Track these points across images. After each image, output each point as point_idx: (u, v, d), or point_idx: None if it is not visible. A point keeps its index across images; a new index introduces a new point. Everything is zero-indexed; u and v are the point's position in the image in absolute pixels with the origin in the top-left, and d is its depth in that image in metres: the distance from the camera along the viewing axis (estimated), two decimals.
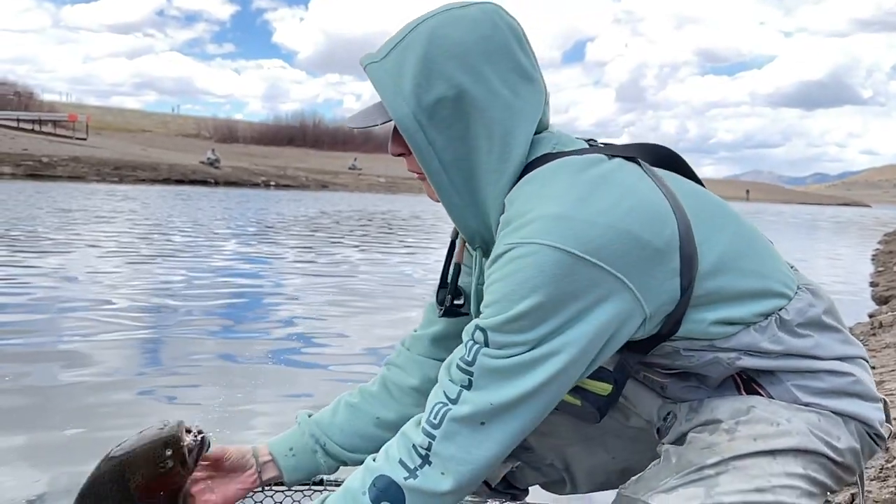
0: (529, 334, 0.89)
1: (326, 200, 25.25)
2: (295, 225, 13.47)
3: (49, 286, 5.23)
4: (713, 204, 1.05)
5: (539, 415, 0.93)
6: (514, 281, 0.89)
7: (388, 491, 0.94)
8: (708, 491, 0.95)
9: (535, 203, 0.92)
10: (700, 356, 1.01)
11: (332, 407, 1.29)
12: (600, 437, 1.24)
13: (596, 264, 0.88)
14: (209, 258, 7.63)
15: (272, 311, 4.83)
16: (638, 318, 0.93)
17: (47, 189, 20.53)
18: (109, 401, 2.56)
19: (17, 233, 8.99)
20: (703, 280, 0.96)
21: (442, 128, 0.97)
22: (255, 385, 2.94)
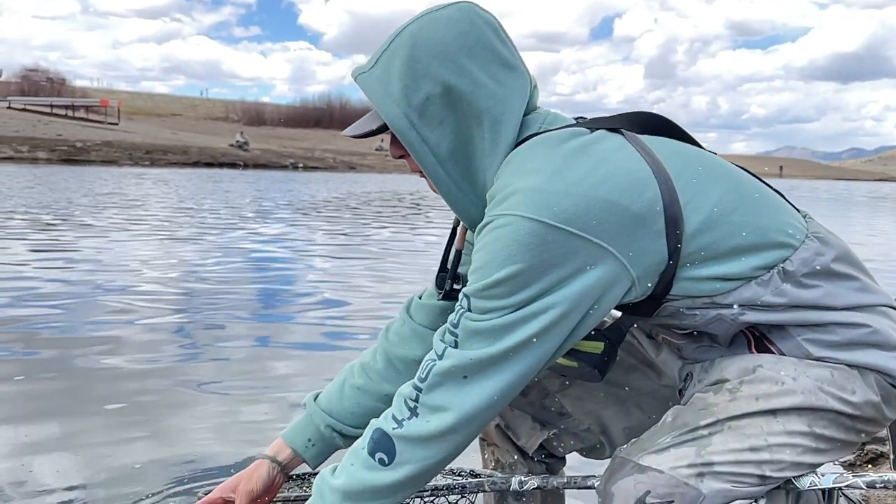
0: (508, 300, 0.92)
1: (354, 182, 25.37)
2: (325, 206, 13.58)
3: (85, 269, 5.35)
4: (702, 163, 1.05)
5: (523, 373, 0.96)
6: (493, 250, 0.93)
7: (381, 441, 0.99)
8: (699, 451, 0.97)
9: (514, 178, 0.96)
10: (703, 314, 1.01)
11: (338, 388, 1.31)
12: (635, 398, 1.25)
13: (572, 233, 0.90)
14: (241, 240, 7.75)
15: (304, 291, 4.90)
16: (624, 283, 0.95)
17: (82, 173, 20.93)
18: (144, 387, 2.60)
19: (54, 216, 9.21)
20: (692, 239, 0.96)
21: (433, 124, 1.01)
22: (287, 366, 2.98)
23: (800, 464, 0.99)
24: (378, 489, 0.99)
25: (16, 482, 1.79)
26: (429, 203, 15.70)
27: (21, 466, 1.88)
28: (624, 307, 1.02)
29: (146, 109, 69.94)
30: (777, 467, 0.97)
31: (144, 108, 71.30)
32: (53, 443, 2.01)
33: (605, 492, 1.01)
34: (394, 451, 0.98)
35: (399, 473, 0.98)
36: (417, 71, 1.00)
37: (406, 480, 0.98)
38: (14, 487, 1.75)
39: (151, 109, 71.56)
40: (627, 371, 1.26)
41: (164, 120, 61.08)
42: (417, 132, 1.01)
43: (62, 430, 2.11)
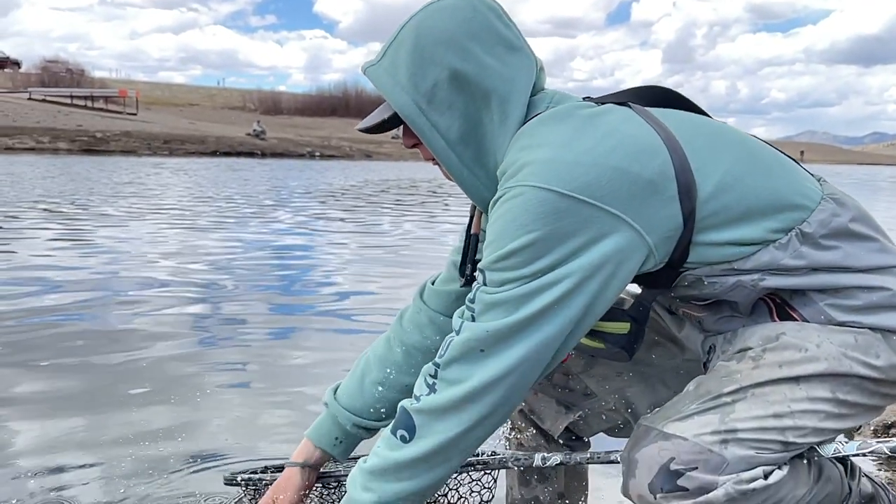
0: (523, 270, 0.93)
1: (371, 170, 25.34)
2: (343, 195, 13.59)
3: (105, 259, 5.41)
4: (712, 130, 1.06)
5: (541, 344, 0.95)
6: (505, 221, 0.95)
7: (402, 419, 1.01)
8: (722, 418, 0.98)
9: (524, 153, 0.98)
10: (723, 281, 1.02)
11: (358, 384, 1.32)
12: (659, 375, 1.26)
13: (585, 201, 0.91)
14: (260, 229, 7.80)
15: (322, 281, 4.93)
16: (642, 251, 0.95)
17: (102, 163, 21.11)
18: (164, 377, 2.63)
19: (75, 206, 9.31)
20: (706, 203, 0.97)
21: (442, 109, 1.03)
22: (305, 357, 3.01)
23: (823, 429, 1.00)
24: (400, 465, 1.00)
25: (41, 471, 1.82)
26: (445, 191, 15.66)
27: (46, 458, 1.92)
28: (643, 280, 1.03)
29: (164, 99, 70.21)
30: (800, 433, 0.98)
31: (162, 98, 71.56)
32: (75, 436, 2.04)
33: (629, 459, 1.02)
34: (413, 426, 0.99)
35: (419, 448, 0.99)
36: (424, 58, 1.03)
37: (426, 455, 0.98)
38: (39, 478, 1.78)
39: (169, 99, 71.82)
40: (650, 347, 1.27)
41: (182, 110, 61.30)
42: (427, 118, 1.03)
43: (83, 423, 2.13)
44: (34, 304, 3.79)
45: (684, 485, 0.95)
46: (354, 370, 1.35)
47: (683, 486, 0.95)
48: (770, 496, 0.98)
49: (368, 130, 1.13)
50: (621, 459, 1.06)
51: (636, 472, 1.00)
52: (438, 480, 1.02)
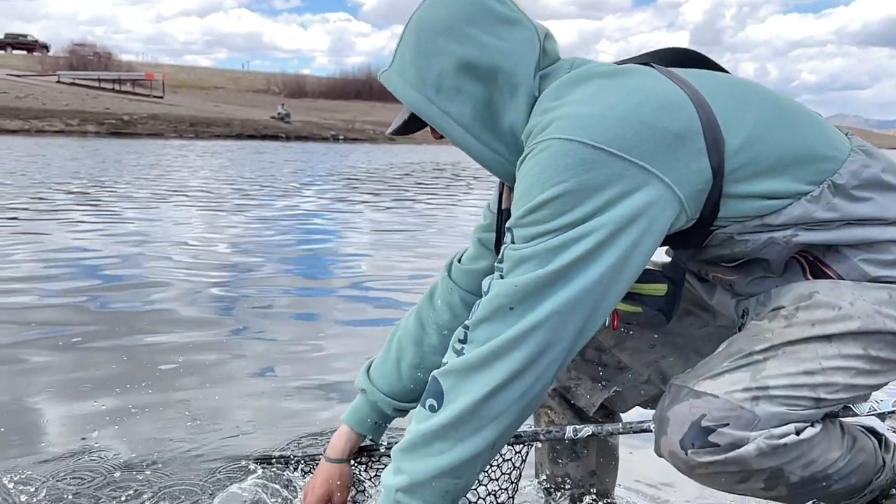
0: (551, 223, 0.91)
1: (395, 153, 25.34)
2: (368, 178, 13.63)
3: (132, 241, 5.48)
4: (737, 85, 1.05)
5: (572, 300, 0.90)
6: (532, 175, 0.93)
7: (430, 388, 0.98)
8: (754, 375, 0.97)
9: (548, 113, 0.97)
10: (755, 239, 1.01)
11: (394, 367, 1.31)
12: (692, 344, 1.25)
13: (613, 153, 0.90)
14: (285, 212, 7.85)
15: (346, 265, 4.94)
16: (674, 206, 0.93)
17: (130, 145, 21.36)
18: (189, 362, 2.63)
19: (100, 188, 9.45)
20: (735, 155, 0.96)
21: (451, 96, 1.04)
22: (329, 342, 3.00)
23: (855, 385, 0.99)
24: (429, 436, 0.96)
25: (69, 451, 1.85)
26: (469, 173, 15.63)
27: (73, 437, 1.95)
28: (674, 241, 1.01)
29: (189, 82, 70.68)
30: (831, 389, 0.97)
31: (188, 81, 72.04)
32: (102, 420, 2.05)
33: (661, 418, 1.02)
34: (441, 391, 0.96)
35: (447, 413, 0.94)
36: (427, 52, 1.04)
37: (456, 419, 0.94)
38: (66, 459, 1.81)
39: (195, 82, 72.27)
40: (681, 317, 1.26)
41: (207, 93, 61.69)
42: (438, 108, 1.04)
43: (109, 407, 2.14)
44: (63, 285, 3.84)
45: (715, 441, 0.95)
46: (388, 352, 1.34)
47: (714, 441, 0.95)
48: (803, 454, 0.97)
49: (397, 133, 1.16)
50: (654, 419, 1.06)
51: (667, 430, 1.00)
52: (473, 455, 0.95)
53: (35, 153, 16.03)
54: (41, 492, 1.62)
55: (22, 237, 5.44)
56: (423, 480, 0.96)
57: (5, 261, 4.42)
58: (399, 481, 0.97)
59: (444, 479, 0.96)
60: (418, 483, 0.96)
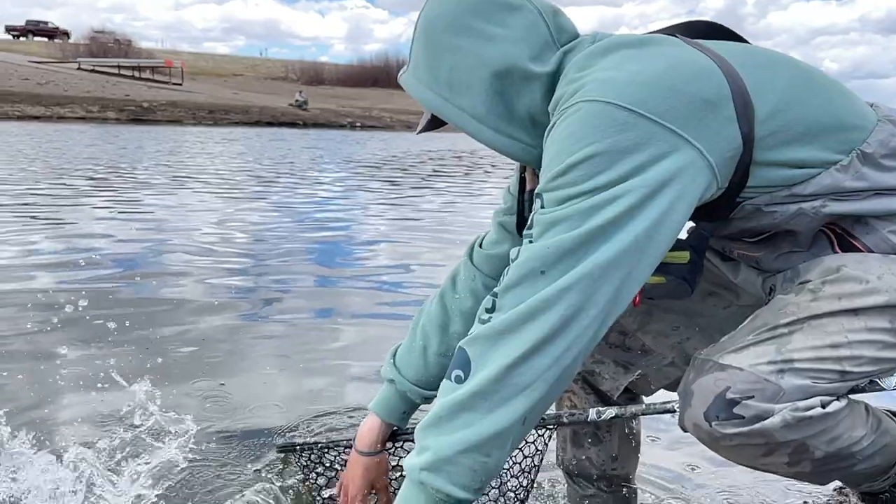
0: (583, 185, 0.88)
1: (412, 141, 25.33)
2: (385, 165, 13.64)
3: (152, 227, 5.55)
4: (764, 54, 1.04)
5: (605, 263, 0.87)
6: (562, 138, 0.91)
7: (456, 358, 0.94)
8: (779, 348, 0.96)
9: (575, 82, 0.96)
10: (783, 210, 0.99)
11: (421, 356, 1.30)
12: (716, 324, 1.24)
13: (644, 116, 0.88)
14: (302, 199, 7.88)
15: (364, 249, 4.97)
16: (705, 173, 0.91)
17: (149, 132, 21.52)
18: (209, 349, 2.65)
19: (118, 174, 9.53)
20: (765, 122, 0.95)
21: (463, 90, 1.04)
22: (346, 332, 2.99)
23: (881, 359, 0.98)
24: (455, 406, 0.91)
25: (89, 439, 1.86)
26: (487, 161, 15.59)
27: (94, 425, 1.97)
28: (700, 212, 0.98)
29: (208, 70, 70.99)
30: (857, 363, 0.96)
31: (206, 68, 72.35)
32: (119, 408, 2.05)
33: (685, 391, 1.01)
34: (468, 361, 0.92)
35: (474, 382, 0.90)
36: (435, 50, 1.05)
37: (483, 388, 0.89)
38: (88, 447, 1.83)
39: (213, 70, 72.57)
40: (705, 298, 1.25)
41: (226, 80, 61.93)
42: (452, 104, 1.04)
43: (126, 395, 2.15)
44: (82, 272, 3.87)
45: (740, 413, 0.94)
46: (413, 340, 1.32)
47: (739, 413, 0.94)
48: (828, 428, 0.96)
49: (424, 130, 1.16)
50: (678, 393, 1.05)
51: (692, 402, 0.99)
52: (503, 429, 0.89)
53: (56, 139, 16.20)
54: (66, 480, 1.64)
55: (42, 223, 5.50)
56: (449, 456, 0.90)
57: (26, 247, 4.47)
58: (423, 459, 0.92)
59: (472, 455, 0.89)
60: (444, 459, 0.90)
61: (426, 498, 0.92)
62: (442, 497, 0.91)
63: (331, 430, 2.02)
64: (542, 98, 1.03)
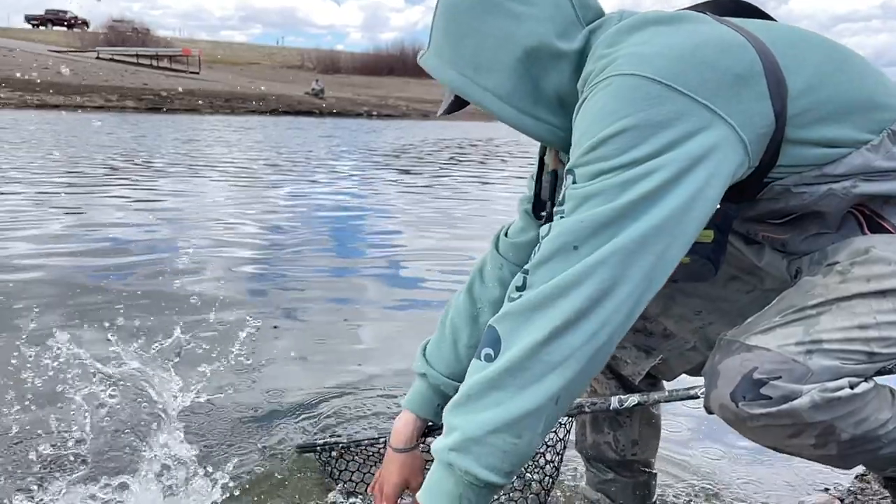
0: (616, 160, 0.87)
1: (428, 129, 25.28)
2: (403, 153, 13.63)
3: (170, 216, 5.59)
4: (793, 32, 1.02)
5: (639, 238, 0.86)
6: (594, 112, 0.90)
7: (486, 337, 0.93)
8: (807, 329, 0.95)
9: (605, 58, 0.95)
10: (813, 191, 0.98)
11: (452, 350, 1.29)
12: (738, 309, 1.23)
13: (677, 90, 0.87)
14: (320, 188, 7.92)
15: (380, 239, 4.98)
16: (739, 150, 0.90)
17: (167, 121, 21.63)
18: (229, 341, 2.58)
19: (133, 163, 9.60)
20: (797, 99, 0.93)
21: (488, 69, 1.02)
22: (362, 327, 2.97)
23: None
24: (485, 385, 0.89)
25: (106, 431, 1.90)
26: (504, 150, 15.54)
27: (112, 417, 1.97)
28: (728, 192, 0.98)
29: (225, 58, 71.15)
30: (885, 344, 0.95)
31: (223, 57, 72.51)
32: (141, 400, 2.06)
33: (711, 372, 1.00)
34: (498, 338, 0.90)
35: (504, 359, 0.88)
36: (459, 30, 1.03)
37: (513, 365, 0.87)
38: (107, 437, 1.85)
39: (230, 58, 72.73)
40: (727, 282, 1.24)
41: (242, 69, 62.05)
42: (476, 84, 1.03)
43: (141, 390, 2.15)
44: (100, 262, 3.89)
45: (767, 393, 0.93)
46: (442, 334, 1.31)
47: (766, 394, 0.93)
48: (856, 409, 0.95)
49: (448, 111, 1.14)
50: (703, 375, 1.04)
51: (718, 383, 0.98)
52: (534, 409, 0.87)
53: (75, 128, 16.34)
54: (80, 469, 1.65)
55: (60, 212, 5.56)
56: (478, 436, 0.88)
57: (44, 237, 4.50)
58: (451, 440, 0.90)
59: (502, 436, 0.87)
60: (472, 439, 0.88)
61: (454, 480, 0.91)
62: (470, 479, 0.90)
63: (347, 421, 2.02)
64: (570, 77, 1.02)
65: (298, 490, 1.65)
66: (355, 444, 1.61)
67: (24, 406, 1.97)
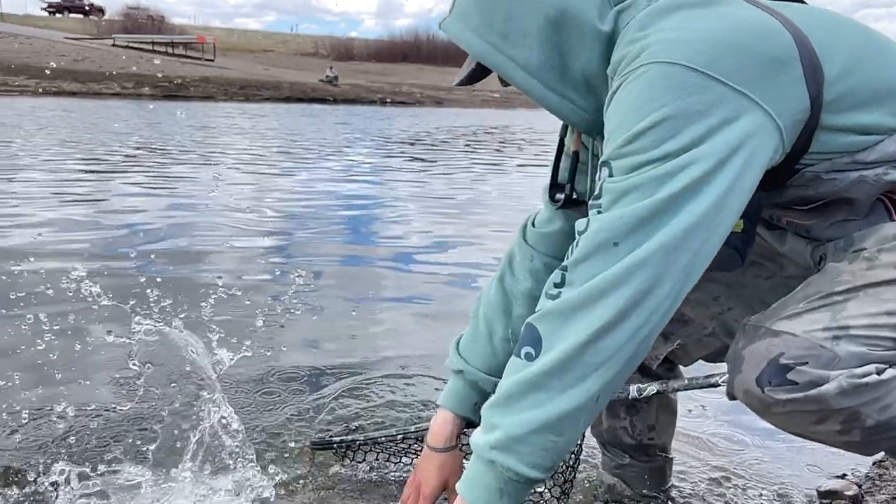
0: (654, 152, 0.86)
1: (442, 116, 25.21)
2: (419, 141, 13.61)
3: (185, 202, 5.62)
4: (827, 16, 1.01)
5: (680, 233, 0.86)
6: (629, 102, 0.89)
7: (525, 335, 0.93)
8: (834, 315, 0.94)
9: (637, 43, 0.93)
10: (843, 177, 0.97)
11: (487, 343, 1.28)
12: (757, 295, 1.22)
13: (713, 77, 0.86)
14: (334, 175, 7.93)
15: (396, 227, 4.98)
16: (774, 137, 0.89)
17: (182, 108, 21.71)
18: (239, 330, 2.59)
19: (148, 150, 9.65)
20: (832, 85, 0.92)
21: (518, 40, 0.99)
22: (378, 319, 2.95)
23: None
24: (527, 385, 0.91)
25: (131, 417, 1.91)
26: (518, 137, 15.48)
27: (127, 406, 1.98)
28: (761, 180, 0.98)
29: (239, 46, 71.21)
30: None
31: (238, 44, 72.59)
32: (154, 391, 2.06)
33: (735, 357, 0.99)
34: (539, 338, 0.91)
35: (545, 360, 0.89)
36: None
37: (555, 367, 0.88)
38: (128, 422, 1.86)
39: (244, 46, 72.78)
40: (747, 267, 1.21)
41: (257, 56, 62.07)
42: (503, 54, 1.00)
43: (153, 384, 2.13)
44: (115, 250, 3.90)
45: (794, 378, 0.92)
46: (476, 329, 1.31)
47: (793, 379, 0.92)
48: (882, 395, 0.94)
49: (464, 83, 1.11)
50: (727, 360, 1.03)
51: (742, 368, 0.97)
52: (575, 408, 0.89)
53: (93, 116, 16.44)
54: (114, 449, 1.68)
55: (77, 199, 5.61)
56: (520, 435, 0.90)
57: (61, 225, 4.52)
58: (493, 438, 0.92)
59: (544, 435, 0.90)
60: (514, 438, 0.90)
61: (495, 476, 0.93)
62: (511, 475, 0.92)
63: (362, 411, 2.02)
64: (599, 59, 1.00)
65: (312, 485, 1.63)
66: (374, 441, 1.60)
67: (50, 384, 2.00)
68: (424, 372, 2.30)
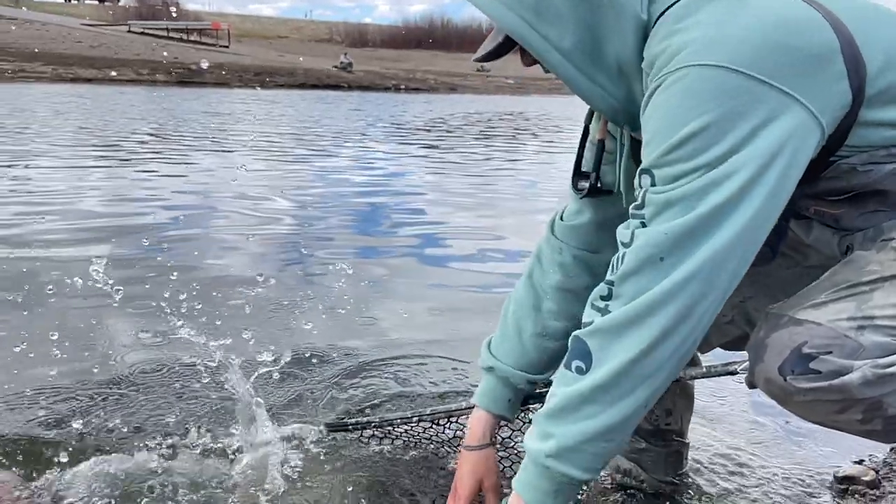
0: (697, 160, 0.85)
1: (456, 102, 25.13)
2: (433, 128, 13.58)
3: (200, 189, 5.65)
4: (866, 6, 0.98)
5: (728, 244, 0.86)
6: (670, 108, 0.87)
7: (575, 349, 0.95)
8: (859, 305, 0.93)
9: (674, 38, 0.90)
10: (879, 169, 0.95)
11: (517, 340, 1.29)
12: (779, 284, 1.20)
13: (755, 77, 0.84)
14: (349, 162, 7.92)
15: (410, 216, 4.96)
16: (815, 134, 0.88)
17: (197, 94, 21.78)
18: (260, 320, 2.62)
19: (158, 137, 9.69)
20: (876, 78, 0.90)
21: (552, 18, 0.96)
22: (391, 314, 2.91)
23: None
24: (579, 399, 0.93)
25: (139, 406, 1.94)
26: (533, 123, 15.40)
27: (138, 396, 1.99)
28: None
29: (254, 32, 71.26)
30: None
31: (252, 30, 72.64)
32: (163, 379, 2.07)
33: (757, 345, 0.99)
34: (588, 352, 0.93)
35: (597, 375, 0.92)
36: None
37: (606, 382, 0.91)
38: (139, 411, 1.86)
39: (259, 32, 72.82)
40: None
41: (271, 42, 62.08)
42: (537, 31, 0.97)
43: (167, 367, 2.16)
44: (129, 238, 3.90)
45: (817, 368, 0.91)
46: (505, 327, 1.31)
47: (816, 368, 0.91)
48: None
49: (485, 59, 1.08)
50: (748, 348, 1.02)
51: (764, 357, 0.97)
52: (624, 419, 0.93)
53: (109, 102, 16.53)
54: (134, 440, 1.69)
55: (93, 185, 5.65)
56: (573, 445, 0.94)
57: (76, 212, 4.53)
58: (548, 447, 0.96)
59: (596, 443, 0.94)
60: (568, 448, 0.95)
61: (550, 480, 0.98)
62: (566, 480, 0.97)
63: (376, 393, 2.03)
64: (634, 47, 0.97)
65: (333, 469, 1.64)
66: (387, 423, 1.61)
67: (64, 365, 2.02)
68: (440, 356, 2.31)
